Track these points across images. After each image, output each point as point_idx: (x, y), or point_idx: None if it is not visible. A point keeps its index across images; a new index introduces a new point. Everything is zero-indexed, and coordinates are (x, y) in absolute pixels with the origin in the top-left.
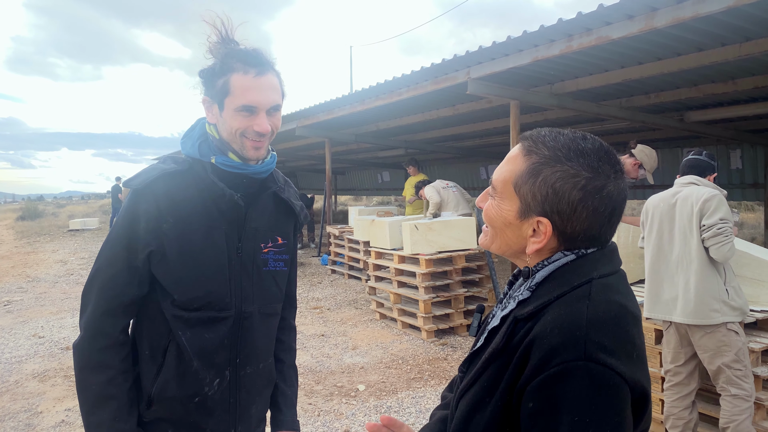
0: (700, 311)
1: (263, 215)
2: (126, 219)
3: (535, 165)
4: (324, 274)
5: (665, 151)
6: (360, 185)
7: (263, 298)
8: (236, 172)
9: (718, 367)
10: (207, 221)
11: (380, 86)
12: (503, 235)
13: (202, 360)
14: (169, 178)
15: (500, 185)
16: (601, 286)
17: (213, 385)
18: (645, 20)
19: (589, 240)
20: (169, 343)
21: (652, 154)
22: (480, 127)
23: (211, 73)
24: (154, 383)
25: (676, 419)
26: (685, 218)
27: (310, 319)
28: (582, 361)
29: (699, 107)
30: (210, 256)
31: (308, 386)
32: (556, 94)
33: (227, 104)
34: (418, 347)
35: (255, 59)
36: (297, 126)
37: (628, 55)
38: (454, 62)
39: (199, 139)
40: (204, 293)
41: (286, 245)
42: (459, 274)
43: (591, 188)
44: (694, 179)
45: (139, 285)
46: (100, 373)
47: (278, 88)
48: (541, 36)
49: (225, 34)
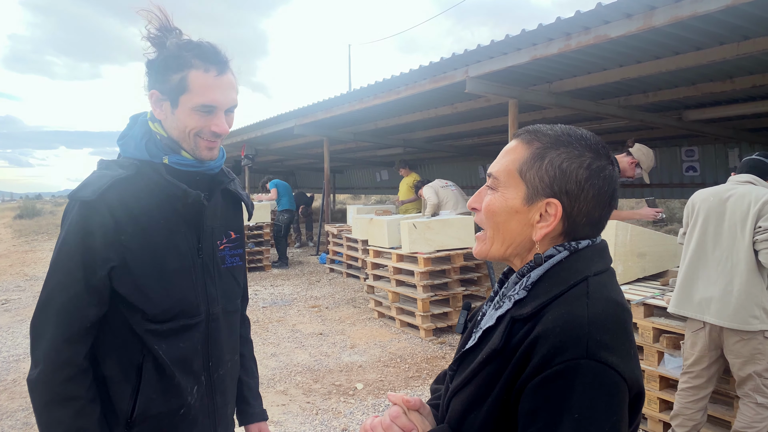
0: (739, 316)
1: (216, 212)
2: (77, 235)
3: (539, 149)
4: (322, 272)
5: (663, 150)
6: (358, 184)
7: (226, 297)
8: (192, 171)
9: (749, 375)
10: (166, 226)
11: (379, 85)
12: (506, 229)
13: (182, 370)
14: (121, 184)
15: (503, 175)
16: (597, 284)
17: (193, 393)
18: (643, 19)
19: (591, 225)
20: (144, 359)
21: (650, 153)
22: (478, 126)
23: (163, 66)
24: (133, 403)
25: (687, 420)
26: (738, 217)
27: (308, 318)
28: (584, 359)
29: (697, 106)
30: (175, 263)
31: (306, 385)
32: (554, 92)
33: (183, 102)
34: (416, 346)
35: (215, 57)
36: (295, 125)
37: (627, 53)
38: (453, 61)
39: (143, 138)
40: (174, 303)
41: (239, 239)
42: (457, 272)
43: (595, 167)
44: (752, 178)
45: (99, 305)
46: (68, 407)
47: (236, 88)
48: (539, 35)
49: (166, 23)
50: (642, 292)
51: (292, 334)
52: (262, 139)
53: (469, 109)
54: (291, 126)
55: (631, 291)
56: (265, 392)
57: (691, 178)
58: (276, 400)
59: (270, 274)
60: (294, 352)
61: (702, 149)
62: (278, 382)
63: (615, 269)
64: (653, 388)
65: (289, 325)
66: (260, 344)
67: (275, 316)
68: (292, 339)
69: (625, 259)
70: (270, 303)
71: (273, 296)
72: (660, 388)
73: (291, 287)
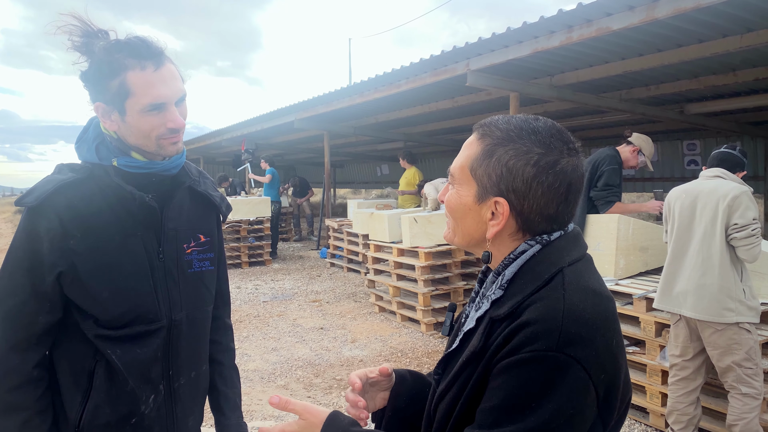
0: (713, 308)
1: (181, 214)
2: (24, 241)
3: (489, 146)
4: (323, 267)
5: (665, 144)
6: (358, 178)
7: (192, 303)
8: (143, 173)
9: (728, 365)
10: (120, 230)
11: (379, 78)
12: (464, 224)
13: (137, 377)
14: (69, 188)
15: (458, 172)
16: (573, 274)
17: (149, 403)
18: (646, 11)
19: (548, 221)
20: (96, 365)
21: (648, 139)
22: (479, 120)
23: (97, 75)
24: (81, 411)
25: (681, 414)
26: (708, 213)
27: (309, 312)
28: (552, 352)
29: (699, 99)
30: (129, 267)
31: (307, 379)
32: (555, 86)
33: (129, 106)
34: (417, 340)
35: (147, 51)
36: (296, 119)
37: (629, 46)
38: (454, 54)
39: (95, 141)
40: (129, 308)
41: (210, 242)
42: (458, 267)
43: (544, 164)
44: (720, 172)
45: (50, 311)
46: (12, 417)
47: (179, 76)
48: (541, 27)
49: (87, 27)
50: (644, 286)
51: (293, 329)
52: (262, 133)
53: (470, 102)
54: (291, 120)
55: (633, 285)
56: (266, 387)
57: (692, 171)
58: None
59: (270, 268)
60: (295, 346)
61: (704, 143)
62: (279, 376)
63: (617, 263)
64: (655, 382)
65: (289, 320)
66: (261, 339)
67: (276, 311)
68: (293, 333)
69: (627, 253)
70: (271, 297)
71: (274, 291)
72: (662, 382)
73: (291, 282)
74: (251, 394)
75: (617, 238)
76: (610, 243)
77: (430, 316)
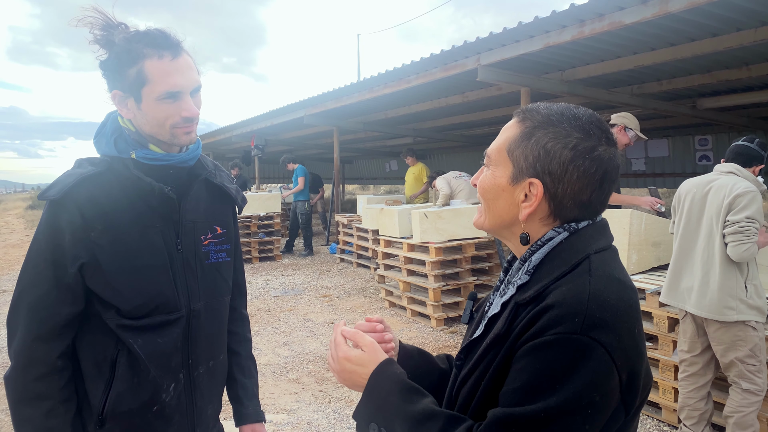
0: (714, 307)
1: (198, 206)
2: (47, 234)
3: (528, 129)
4: (333, 262)
5: (676, 139)
6: (368, 174)
7: (209, 294)
8: (161, 164)
9: (731, 361)
10: (139, 222)
11: (389, 74)
12: (495, 206)
13: (158, 366)
14: (90, 182)
15: (495, 153)
16: (599, 262)
17: (170, 391)
18: (659, 5)
19: (580, 207)
20: (118, 354)
21: (628, 114)
22: (490, 115)
23: (117, 63)
24: (105, 399)
25: (692, 410)
26: (714, 209)
27: (320, 307)
28: (576, 334)
29: (712, 94)
30: (149, 259)
31: (319, 373)
32: (567, 80)
33: (146, 94)
34: (427, 335)
35: (166, 41)
36: (305, 114)
37: (641, 40)
38: (464, 49)
39: (113, 135)
40: (150, 298)
41: (226, 234)
42: (469, 262)
43: (582, 148)
44: (734, 168)
45: (73, 303)
46: (37, 406)
47: (195, 68)
48: (552, 22)
49: (107, 20)
50: (657, 281)
51: (304, 323)
52: (272, 129)
53: (481, 97)
54: (301, 116)
55: (646, 280)
56: (278, 381)
57: (704, 167)
58: (289, 389)
59: (281, 263)
60: (306, 340)
61: (716, 138)
62: (290, 370)
63: (630, 258)
64: (668, 377)
65: (300, 314)
66: (272, 333)
67: (286, 306)
68: (304, 328)
69: (639, 248)
70: (281, 292)
71: (284, 286)
72: (674, 377)
73: (302, 277)
74: (263, 387)
75: (630, 233)
76: (622, 238)
77: (441, 311)
